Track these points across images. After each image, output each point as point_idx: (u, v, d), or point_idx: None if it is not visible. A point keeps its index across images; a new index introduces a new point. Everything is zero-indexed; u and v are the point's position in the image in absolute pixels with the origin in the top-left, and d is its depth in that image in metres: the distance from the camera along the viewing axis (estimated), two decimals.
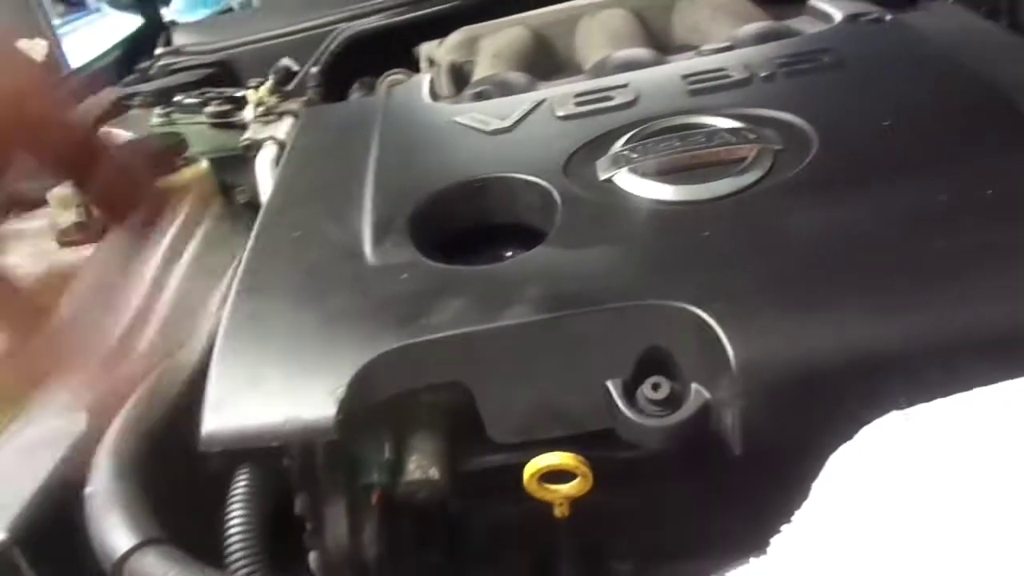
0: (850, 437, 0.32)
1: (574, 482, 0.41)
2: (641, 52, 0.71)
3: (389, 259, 0.47)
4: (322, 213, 0.53)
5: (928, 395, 0.31)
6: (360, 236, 0.50)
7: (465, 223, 0.53)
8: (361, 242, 0.50)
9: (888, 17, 0.66)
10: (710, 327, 0.39)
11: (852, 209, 0.44)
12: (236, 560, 0.39)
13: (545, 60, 0.81)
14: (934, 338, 0.37)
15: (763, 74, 0.60)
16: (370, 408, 0.41)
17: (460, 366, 0.42)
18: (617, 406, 0.41)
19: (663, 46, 0.77)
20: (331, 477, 0.42)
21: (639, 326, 0.41)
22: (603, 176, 0.51)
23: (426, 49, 0.91)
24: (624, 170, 0.51)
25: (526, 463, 0.41)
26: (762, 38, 0.69)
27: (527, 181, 0.52)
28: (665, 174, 0.50)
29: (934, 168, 0.46)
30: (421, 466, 0.42)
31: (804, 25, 0.72)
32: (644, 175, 0.50)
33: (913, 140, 0.50)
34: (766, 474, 0.38)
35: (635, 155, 0.52)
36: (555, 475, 0.42)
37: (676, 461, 0.43)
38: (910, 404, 0.31)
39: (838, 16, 0.69)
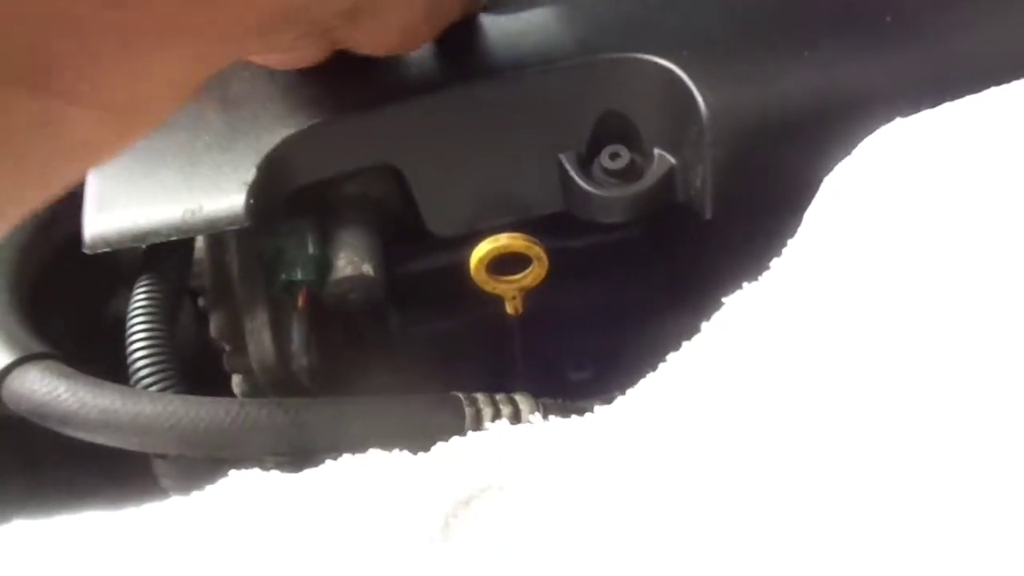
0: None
1: (527, 270, 0.37)
2: None
3: None
4: None
5: None
6: None
7: None
8: None
9: None
10: (676, 77, 0.34)
11: None
12: (143, 375, 0.34)
13: None
14: (919, 74, 0.33)
15: None
16: (288, 197, 0.36)
17: (388, 146, 0.36)
18: (572, 180, 0.36)
19: None
20: (248, 280, 0.36)
21: (593, 87, 0.36)
22: None
23: None
24: None
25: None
26: None
27: None
28: None
29: None
30: (352, 262, 0.36)
31: None
32: None
33: None
34: (736, 253, 0.34)
35: None
36: (506, 265, 0.37)
37: (639, 244, 0.39)
38: None
39: None
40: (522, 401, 0.36)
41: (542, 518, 0.19)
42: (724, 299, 0.26)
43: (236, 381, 0.40)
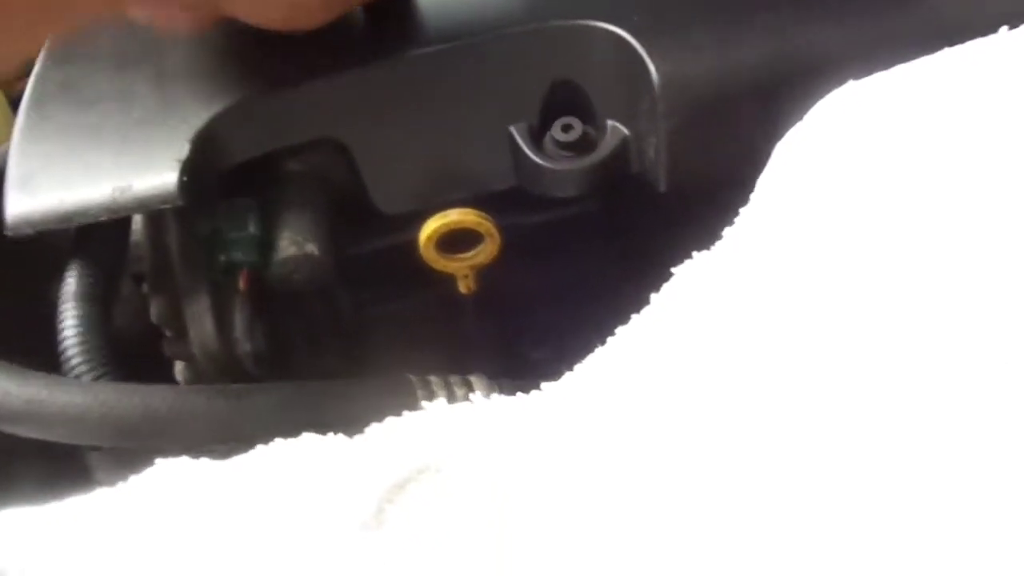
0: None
1: (479, 247, 0.36)
2: None
3: None
4: None
5: None
6: None
7: None
8: None
9: None
10: (628, 45, 0.33)
11: None
12: (74, 363, 0.32)
13: None
14: (872, 39, 0.33)
15: None
16: (226, 175, 0.34)
17: (330, 120, 0.34)
18: (524, 153, 0.35)
19: None
20: (188, 263, 0.34)
21: (543, 56, 0.34)
22: None
23: None
24: None
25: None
26: None
27: None
28: None
29: None
30: (296, 242, 0.35)
31: None
32: None
33: None
34: (691, 225, 0.34)
35: None
36: (457, 242, 0.36)
37: (593, 219, 0.38)
38: None
39: None
40: (477, 382, 0.35)
41: (479, 499, 0.18)
42: (674, 270, 0.25)
43: (179, 368, 0.39)
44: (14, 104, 0.63)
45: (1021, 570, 0.15)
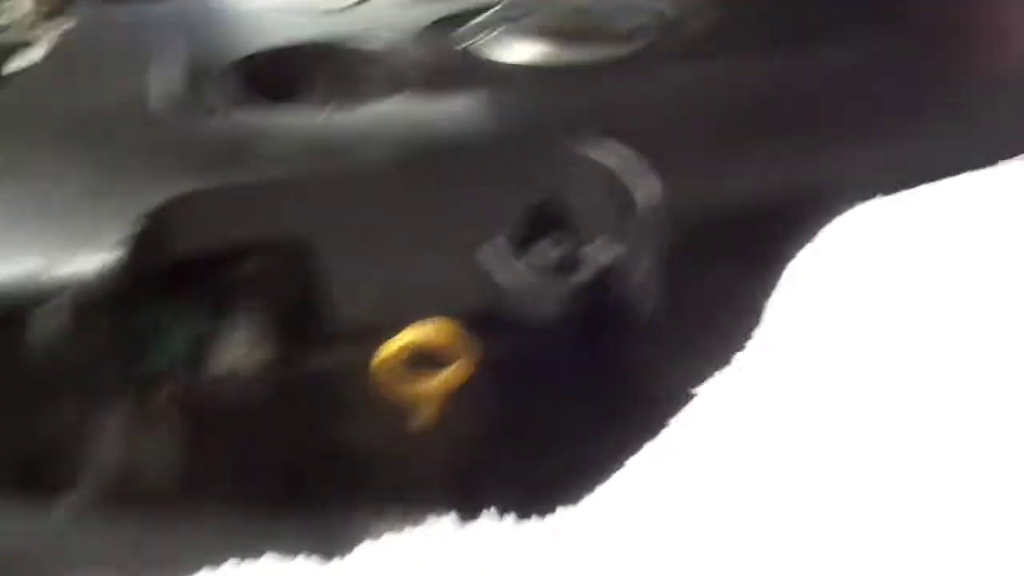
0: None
1: (449, 369, 0.32)
2: None
3: (202, 101, 0.36)
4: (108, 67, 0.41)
5: None
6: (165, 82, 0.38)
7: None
8: (161, 86, 0.38)
9: None
10: (619, 166, 0.31)
11: (755, 66, 0.39)
12: None
13: None
14: (871, 171, 0.32)
15: None
16: (163, 269, 0.30)
17: (291, 219, 0.31)
18: (501, 271, 0.32)
19: None
20: (104, 365, 0.30)
21: (528, 173, 0.33)
22: (470, 41, 0.43)
23: None
24: (498, 32, 0.43)
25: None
26: None
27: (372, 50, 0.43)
28: (547, 36, 0.42)
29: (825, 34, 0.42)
30: (234, 354, 0.31)
31: None
32: (523, 35, 0.42)
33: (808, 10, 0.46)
34: (680, 349, 0.31)
35: (512, 15, 0.44)
36: (417, 364, 0.32)
37: (574, 343, 0.35)
38: None
39: None
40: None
41: None
42: (694, 391, 0.22)
43: (79, 493, 0.33)
44: None
45: None
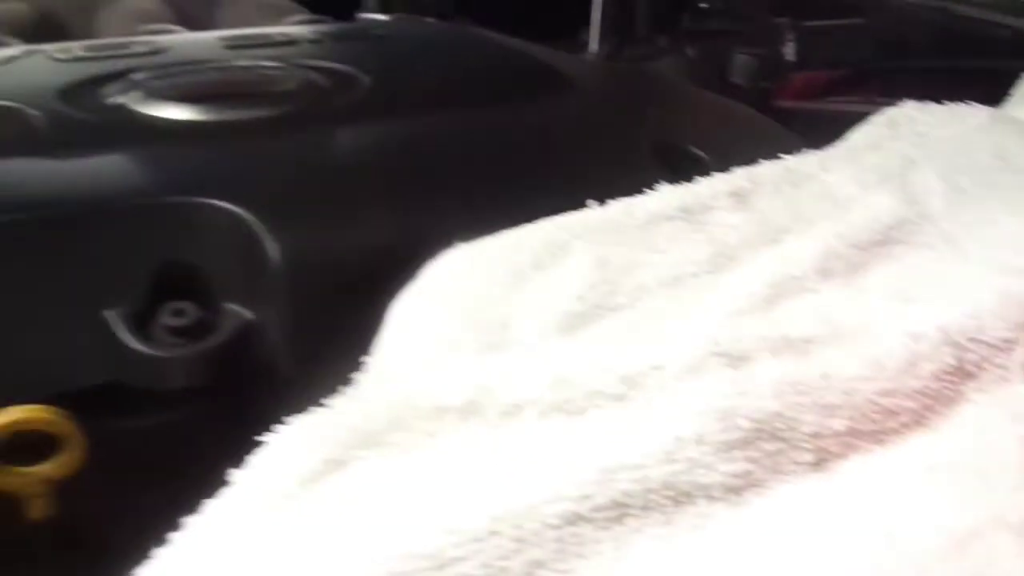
0: None
1: (54, 457, 0.28)
2: (175, 28, 0.63)
3: None
4: None
5: None
6: None
7: None
8: None
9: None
10: (245, 223, 0.31)
11: (393, 130, 0.41)
12: None
13: (54, 37, 0.67)
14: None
15: (310, 39, 0.56)
16: None
17: None
18: (123, 342, 0.30)
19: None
20: None
21: (150, 234, 0.31)
22: (113, 100, 0.41)
23: None
24: (141, 92, 0.41)
25: None
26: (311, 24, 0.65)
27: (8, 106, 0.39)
28: (193, 99, 0.41)
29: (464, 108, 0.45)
30: None
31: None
32: (166, 98, 0.41)
33: (450, 87, 0.49)
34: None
35: (156, 80, 0.42)
36: (19, 451, 0.28)
37: (210, 416, 0.33)
38: None
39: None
40: None
41: None
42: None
43: None
44: None
45: None
